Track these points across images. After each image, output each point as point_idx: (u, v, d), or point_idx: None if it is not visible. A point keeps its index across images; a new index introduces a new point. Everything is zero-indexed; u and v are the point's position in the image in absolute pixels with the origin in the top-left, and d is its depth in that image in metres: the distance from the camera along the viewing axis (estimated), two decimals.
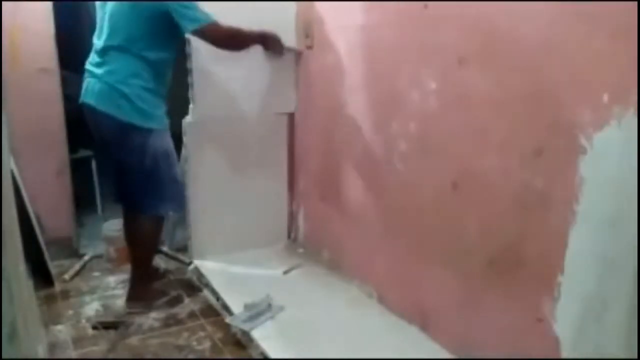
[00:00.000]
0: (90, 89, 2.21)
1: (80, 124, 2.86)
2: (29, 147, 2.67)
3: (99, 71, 2.18)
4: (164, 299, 2.45)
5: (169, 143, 2.31)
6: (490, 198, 1.68)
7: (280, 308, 2.20)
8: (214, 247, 2.73)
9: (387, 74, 2.10)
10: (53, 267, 2.63)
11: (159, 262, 2.85)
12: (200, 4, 2.44)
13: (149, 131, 2.20)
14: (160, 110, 2.26)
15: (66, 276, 2.67)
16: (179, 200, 2.46)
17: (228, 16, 2.54)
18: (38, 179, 2.70)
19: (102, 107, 2.16)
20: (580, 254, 1.40)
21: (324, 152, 2.62)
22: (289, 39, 2.70)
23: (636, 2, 1.21)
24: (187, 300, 2.47)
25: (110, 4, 2.18)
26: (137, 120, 2.17)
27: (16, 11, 2.58)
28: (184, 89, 2.56)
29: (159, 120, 2.26)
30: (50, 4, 2.68)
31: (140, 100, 2.16)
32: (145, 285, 2.45)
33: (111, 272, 2.76)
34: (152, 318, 2.30)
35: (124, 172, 2.31)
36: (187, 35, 2.49)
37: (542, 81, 1.47)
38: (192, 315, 2.33)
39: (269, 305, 2.19)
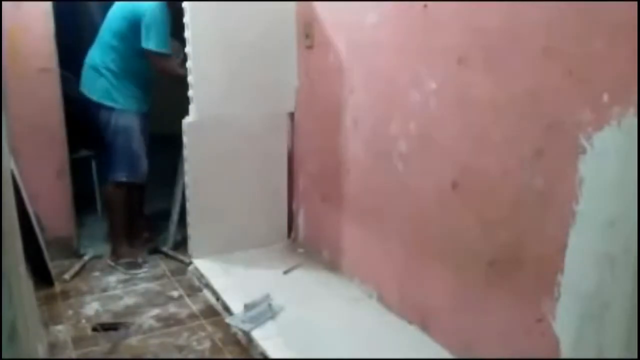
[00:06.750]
0: (82, 76, 2.77)
1: (80, 124, 2.88)
2: (29, 147, 2.66)
3: (87, 61, 2.73)
4: (129, 260, 2.80)
5: (130, 121, 2.72)
6: (490, 198, 1.68)
7: (280, 308, 2.20)
8: (214, 247, 2.73)
9: (387, 74, 2.10)
10: (53, 267, 2.62)
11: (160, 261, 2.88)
12: (201, 4, 2.45)
13: (112, 109, 2.68)
14: (126, 94, 2.70)
15: (66, 276, 2.67)
16: (134, 170, 2.78)
17: (228, 16, 2.55)
18: (38, 179, 2.70)
19: (84, 90, 2.72)
20: (580, 254, 1.40)
21: (324, 152, 2.62)
22: (289, 39, 2.70)
23: (636, 2, 1.21)
24: (187, 300, 2.46)
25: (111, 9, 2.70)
26: (104, 100, 2.67)
27: (16, 11, 2.58)
28: (184, 89, 2.56)
29: (123, 102, 2.70)
30: (50, 4, 2.67)
31: (110, 85, 2.67)
32: (118, 245, 2.85)
33: (111, 272, 2.76)
34: (153, 318, 2.30)
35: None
36: (187, 36, 2.51)
37: (542, 81, 1.47)
38: (192, 315, 2.33)
39: (269, 305, 2.19)
